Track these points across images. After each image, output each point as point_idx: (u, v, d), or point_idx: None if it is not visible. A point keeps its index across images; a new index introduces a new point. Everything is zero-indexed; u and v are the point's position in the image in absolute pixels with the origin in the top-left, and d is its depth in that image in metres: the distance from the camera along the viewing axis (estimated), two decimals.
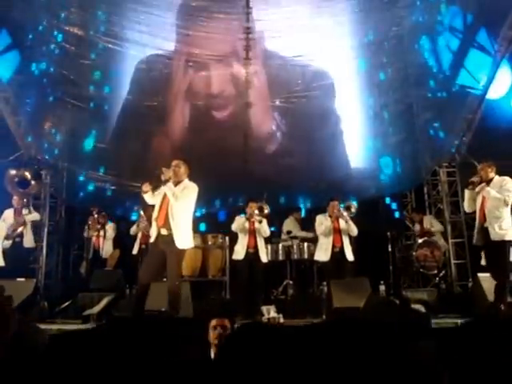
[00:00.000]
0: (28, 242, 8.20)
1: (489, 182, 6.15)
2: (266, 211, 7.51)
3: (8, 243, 7.96)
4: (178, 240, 5.44)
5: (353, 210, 7.49)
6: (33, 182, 8.39)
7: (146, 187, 5.62)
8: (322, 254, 7.47)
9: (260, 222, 7.43)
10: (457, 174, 9.29)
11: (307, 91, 9.24)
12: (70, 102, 8.87)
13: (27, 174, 8.33)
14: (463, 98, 8.94)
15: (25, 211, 8.16)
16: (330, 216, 7.46)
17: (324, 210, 7.67)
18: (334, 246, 7.39)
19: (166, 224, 5.48)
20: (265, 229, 7.50)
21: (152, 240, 5.66)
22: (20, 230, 8.07)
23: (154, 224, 5.65)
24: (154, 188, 5.58)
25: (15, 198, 8.17)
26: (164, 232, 5.50)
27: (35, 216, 8.38)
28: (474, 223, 8.98)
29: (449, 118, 9.18)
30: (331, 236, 7.42)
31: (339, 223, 7.46)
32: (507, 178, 6.20)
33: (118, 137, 9.36)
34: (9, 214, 8.09)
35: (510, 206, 6.05)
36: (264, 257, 7.52)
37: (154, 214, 5.65)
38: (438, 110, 9.20)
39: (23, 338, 1.97)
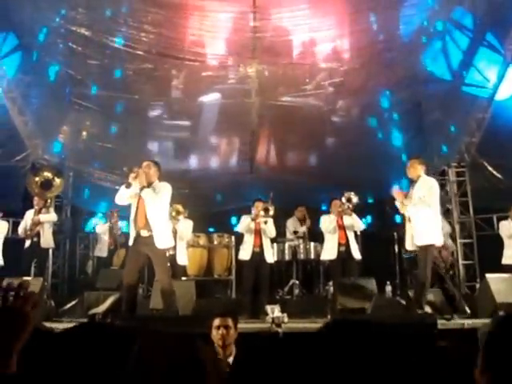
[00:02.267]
0: (45, 242, 8.10)
1: (416, 180, 5.80)
2: (271, 212, 7.47)
3: (27, 243, 7.93)
4: (158, 241, 5.37)
5: (354, 200, 7.37)
6: (56, 180, 8.41)
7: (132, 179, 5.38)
8: (328, 252, 7.48)
9: (266, 222, 7.42)
10: (466, 174, 9.21)
11: (316, 89, 9.16)
12: (76, 102, 8.90)
13: (49, 175, 8.36)
14: (473, 97, 8.84)
15: (44, 211, 8.11)
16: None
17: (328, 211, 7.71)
18: (339, 244, 7.39)
19: (147, 225, 5.39)
20: (270, 229, 7.48)
21: (131, 242, 5.53)
22: (36, 229, 7.95)
23: (132, 226, 5.55)
24: (127, 186, 5.41)
25: (36, 198, 8.15)
26: (144, 234, 5.40)
27: (51, 216, 8.25)
28: (483, 224, 9.05)
29: (458, 118, 9.09)
30: (336, 233, 7.43)
31: (343, 220, 7.47)
32: (432, 181, 5.90)
33: (124, 136, 9.37)
34: (30, 214, 8.05)
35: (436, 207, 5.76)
36: (270, 257, 7.51)
37: (132, 216, 5.56)
38: (447, 108, 9.10)
39: None
